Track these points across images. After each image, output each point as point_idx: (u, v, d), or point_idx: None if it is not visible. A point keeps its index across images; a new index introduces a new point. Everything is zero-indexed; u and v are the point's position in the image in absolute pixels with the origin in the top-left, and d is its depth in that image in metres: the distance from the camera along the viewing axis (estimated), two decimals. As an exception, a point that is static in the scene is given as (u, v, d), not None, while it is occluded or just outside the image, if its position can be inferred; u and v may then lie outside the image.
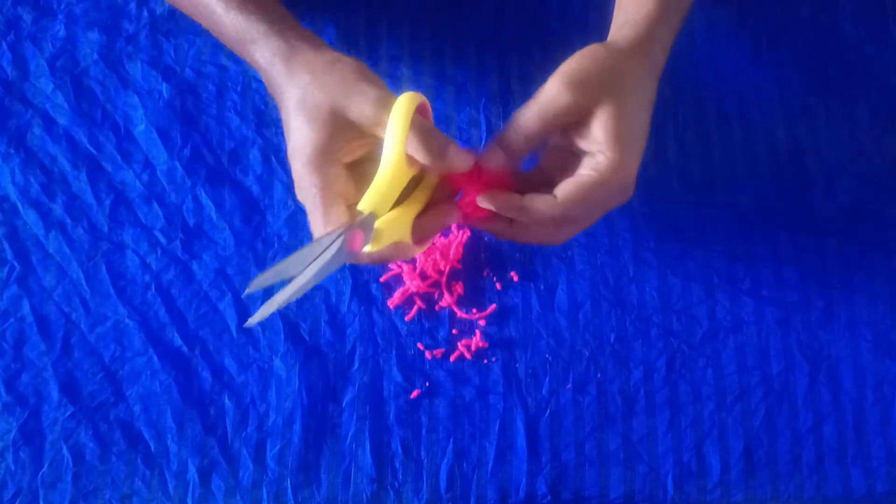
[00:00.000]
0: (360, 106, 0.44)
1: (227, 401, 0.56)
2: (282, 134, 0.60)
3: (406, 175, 0.44)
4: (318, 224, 0.44)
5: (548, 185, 0.46)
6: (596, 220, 0.49)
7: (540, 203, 0.44)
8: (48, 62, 0.61)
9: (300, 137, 0.44)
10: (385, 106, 0.43)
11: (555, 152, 0.48)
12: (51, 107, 0.60)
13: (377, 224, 0.43)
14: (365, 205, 0.43)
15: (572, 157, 0.47)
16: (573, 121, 0.45)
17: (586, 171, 0.45)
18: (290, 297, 0.40)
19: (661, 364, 0.58)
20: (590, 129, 0.45)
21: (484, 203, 0.45)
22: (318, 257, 0.41)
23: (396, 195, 0.44)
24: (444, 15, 0.64)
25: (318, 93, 0.44)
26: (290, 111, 0.45)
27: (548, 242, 0.49)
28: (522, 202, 0.45)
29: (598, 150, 0.45)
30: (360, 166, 0.46)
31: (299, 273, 0.41)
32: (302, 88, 0.45)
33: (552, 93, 0.44)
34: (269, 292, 0.57)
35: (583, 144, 0.46)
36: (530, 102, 0.45)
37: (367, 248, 0.44)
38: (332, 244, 0.41)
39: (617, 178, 0.45)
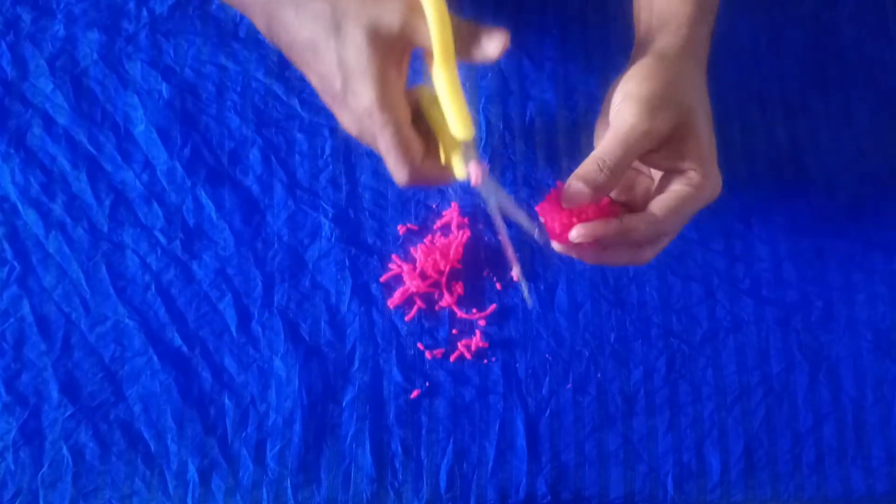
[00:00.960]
0: (393, 17, 0.42)
1: (227, 401, 0.56)
2: (282, 133, 0.60)
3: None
4: (402, 165, 0.44)
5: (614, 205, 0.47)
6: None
7: (640, 222, 0.44)
8: (48, 62, 0.61)
9: (355, 69, 0.42)
10: (414, 8, 0.42)
11: None
12: (50, 107, 0.60)
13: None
14: (467, 130, 0.44)
15: (634, 173, 0.48)
16: (653, 147, 0.44)
17: (679, 186, 0.44)
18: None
19: (661, 364, 0.58)
20: (672, 149, 0.45)
21: (580, 236, 0.43)
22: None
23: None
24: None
25: (351, 19, 0.42)
26: (328, 46, 0.43)
27: (634, 263, 0.48)
28: (623, 225, 0.43)
29: (689, 168, 0.44)
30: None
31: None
32: (332, 19, 0.43)
33: (630, 122, 0.43)
34: (269, 294, 0.57)
35: (664, 164, 0.45)
36: (608, 136, 0.43)
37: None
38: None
39: (710, 188, 0.45)
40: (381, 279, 0.58)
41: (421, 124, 0.46)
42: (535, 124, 0.61)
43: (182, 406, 0.55)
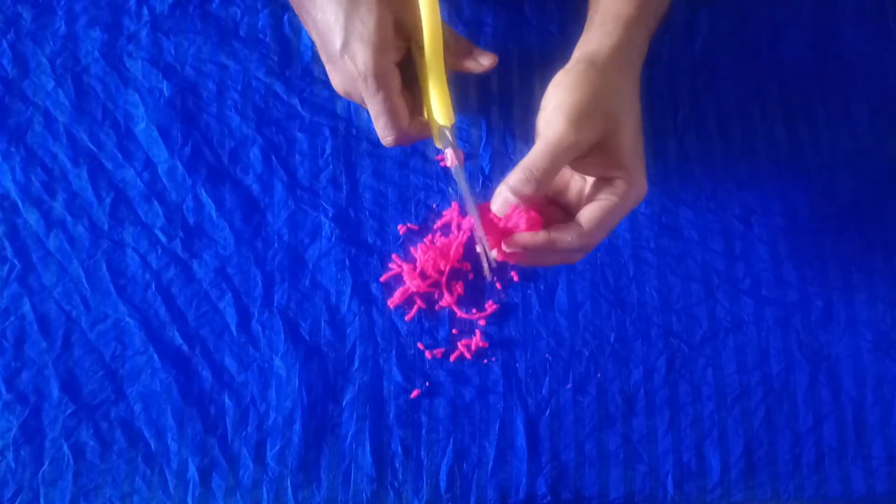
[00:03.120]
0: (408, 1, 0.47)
1: (227, 400, 0.56)
2: (282, 133, 0.60)
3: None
4: (390, 129, 0.48)
5: (550, 206, 0.49)
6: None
7: (567, 235, 0.45)
8: (49, 60, 0.61)
9: (360, 33, 0.46)
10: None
11: None
12: (51, 105, 0.60)
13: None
14: (447, 118, 0.49)
15: (569, 174, 0.49)
16: (581, 155, 0.46)
17: (606, 195, 0.46)
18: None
19: (661, 364, 0.58)
20: (600, 157, 0.46)
21: (511, 248, 0.46)
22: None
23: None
24: (443, 14, 0.64)
25: None
26: (338, 6, 0.47)
27: (566, 262, 0.51)
28: (550, 237, 0.45)
29: (614, 175, 0.46)
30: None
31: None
32: None
33: (558, 134, 0.45)
34: (269, 293, 0.57)
35: (592, 171, 0.47)
36: (537, 146, 0.45)
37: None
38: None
39: (636, 196, 0.46)
40: (381, 279, 0.58)
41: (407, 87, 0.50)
42: (535, 124, 0.61)
43: (182, 405, 0.55)
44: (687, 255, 0.60)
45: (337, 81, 0.50)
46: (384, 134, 0.49)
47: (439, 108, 0.49)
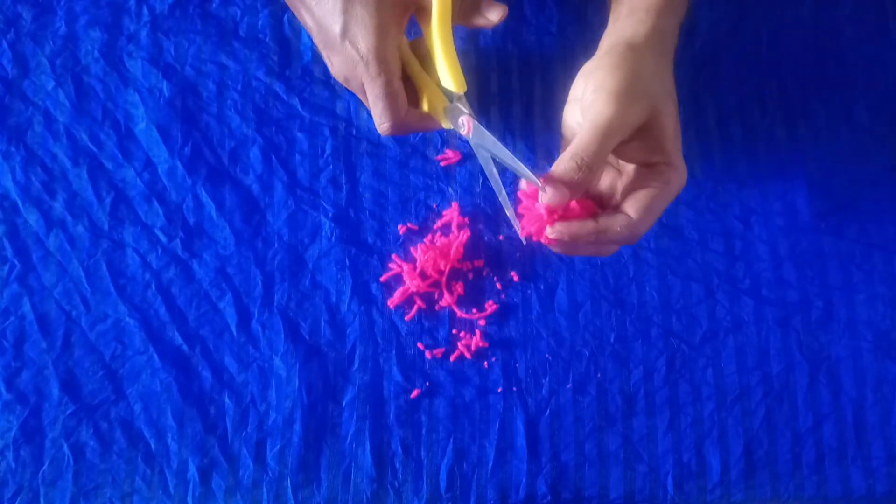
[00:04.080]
0: None
1: (227, 400, 0.56)
2: (282, 133, 0.60)
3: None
4: (388, 115, 0.47)
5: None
6: None
7: (616, 224, 0.44)
8: (49, 60, 0.61)
9: (360, 17, 0.45)
10: None
11: None
12: (51, 104, 0.60)
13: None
14: (459, 84, 0.47)
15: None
16: (625, 138, 0.44)
17: (652, 182, 0.45)
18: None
19: (661, 364, 0.58)
20: (643, 141, 0.45)
21: (557, 234, 0.44)
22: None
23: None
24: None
25: None
26: None
27: (600, 255, 0.49)
28: (599, 226, 0.44)
29: (657, 160, 0.45)
30: None
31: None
32: None
33: (606, 115, 0.43)
34: (269, 293, 0.57)
35: (635, 156, 0.46)
36: (584, 131, 0.43)
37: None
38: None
39: (680, 182, 0.45)
40: (381, 279, 0.58)
41: (405, 77, 0.49)
42: (535, 124, 0.61)
43: (182, 405, 0.55)
44: (687, 255, 0.60)
45: (336, 68, 0.49)
46: (381, 120, 0.47)
47: (450, 74, 0.47)
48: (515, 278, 0.59)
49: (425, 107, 0.50)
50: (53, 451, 0.54)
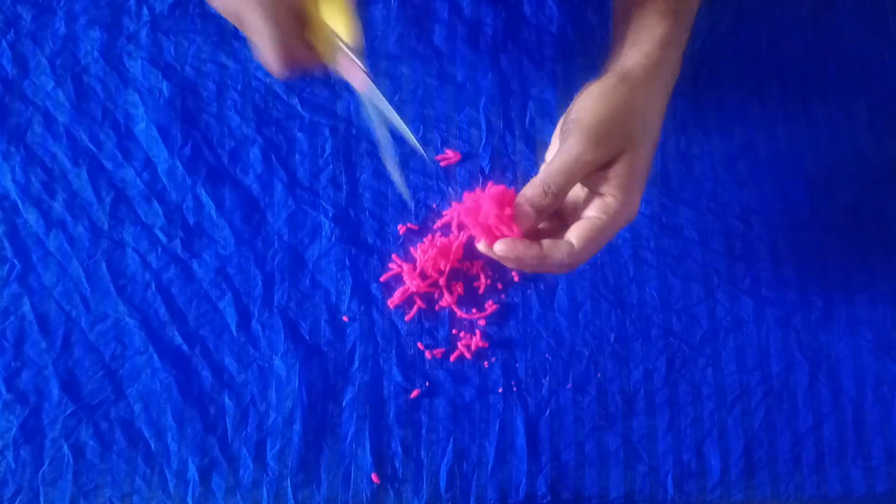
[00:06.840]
0: None
1: (227, 400, 0.56)
2: (282, 132, 0.60)
3: None
4: (279, 55, 0.45)
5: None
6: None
7: (558, 252, 0.45)
8: (48, 60, 0.61)
9: None
10: None
11: None
12: (51, 105, 0.60)
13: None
14: (351, 37, 0.46)
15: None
16: (596, 171, 0.46)
17: (596, 213, 0.46)
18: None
19: (661, 364, 0.58)
20: (604, 175, 0.46)
21: (502, 252, 0.45)
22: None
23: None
24: (444, 14, 0.64)
25: None
26: None
27: (544, 272, 0.50)
28: (542, 252, 0.45)
29: (609, 193, 0.46)
30: None
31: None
32: None
33: (577, 150, 0.44)
34: (269, 293, 0.57)
35: (589, 185, 0.46)
36: (554, 161, 0.45)
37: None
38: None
39: (626, 216, 0.46)
40: (381, 279, 0.58)
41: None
42: (535, 124, 0.61)
43: (182, 405, 0.55)
44: (687, 255, 0.60)
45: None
46: (268, 50, 0.45)
47: (341, 23, 0.46)
48: (515, 278, 0.59)
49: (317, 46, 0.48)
50: (53, 451, 0.54)
